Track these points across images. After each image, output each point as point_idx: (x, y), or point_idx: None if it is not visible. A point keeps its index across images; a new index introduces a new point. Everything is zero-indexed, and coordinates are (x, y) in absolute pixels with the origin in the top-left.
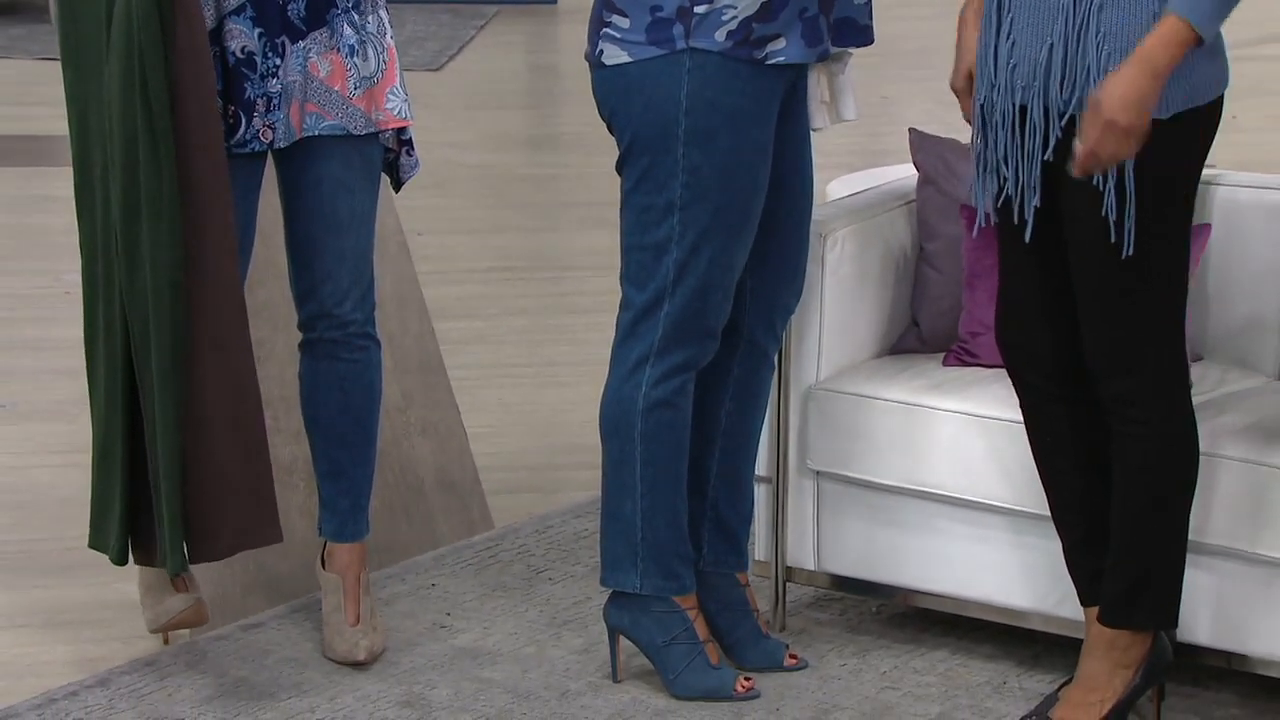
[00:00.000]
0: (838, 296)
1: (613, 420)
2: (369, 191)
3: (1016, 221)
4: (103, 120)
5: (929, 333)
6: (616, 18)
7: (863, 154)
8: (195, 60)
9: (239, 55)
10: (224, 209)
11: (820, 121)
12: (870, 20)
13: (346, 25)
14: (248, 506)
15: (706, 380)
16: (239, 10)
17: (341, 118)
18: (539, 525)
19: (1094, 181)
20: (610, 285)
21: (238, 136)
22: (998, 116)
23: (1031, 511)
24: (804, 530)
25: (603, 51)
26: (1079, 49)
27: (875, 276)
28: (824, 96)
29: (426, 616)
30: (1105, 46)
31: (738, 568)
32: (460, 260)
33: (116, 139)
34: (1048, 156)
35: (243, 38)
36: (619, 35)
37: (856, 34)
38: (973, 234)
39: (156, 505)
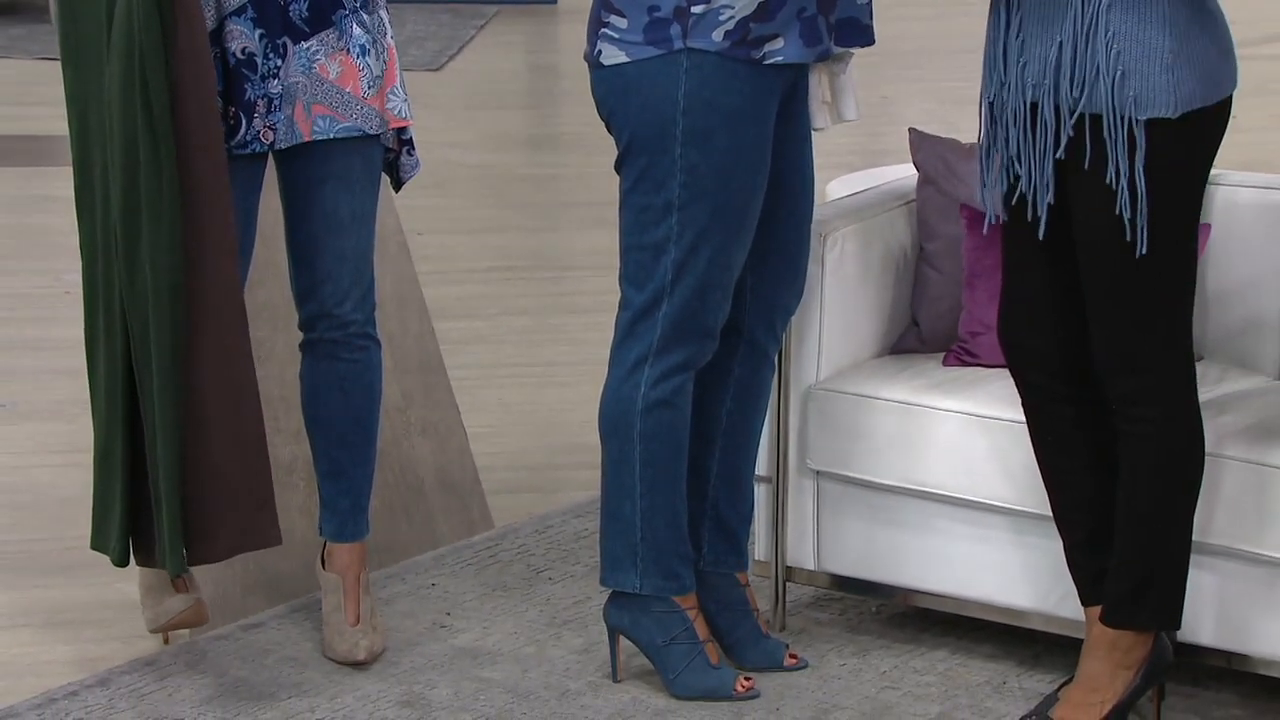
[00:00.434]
0: (838, 296)
1: (612, 420)
2: (370, 191)
3: (1030, 219)
4: (103, 121)
5: (929, 332)
6: (614, 18)
7: (862, 154)
8: (196, 61)
9: (239, 56)
10: (224, 210)
11: (822, 122)
12: (871, 20)
13: (356, 25)
14: (247, 508)
15: (706, 380)
16: (240, 11)
17: (357, 119)
18: (539, 525)
19: (1106, 179)
20: (610, 285)
21: (238, 137)
22: (1009, 114)
23: (1032, 511)
24: (804, 530)
25: (601, 52)
26: (1089, 48)
27: (875, 276)
28: (825, 96)
29: (426, 616)
30: (1115, 46)
31: (738, 567)
32: (460, 260)
33: (116, 140)
34: (1059, 154)
35: (243, 39)
36: (617, 35)
37: (859, 34)
38: (983, 231)
39: (155, 506)
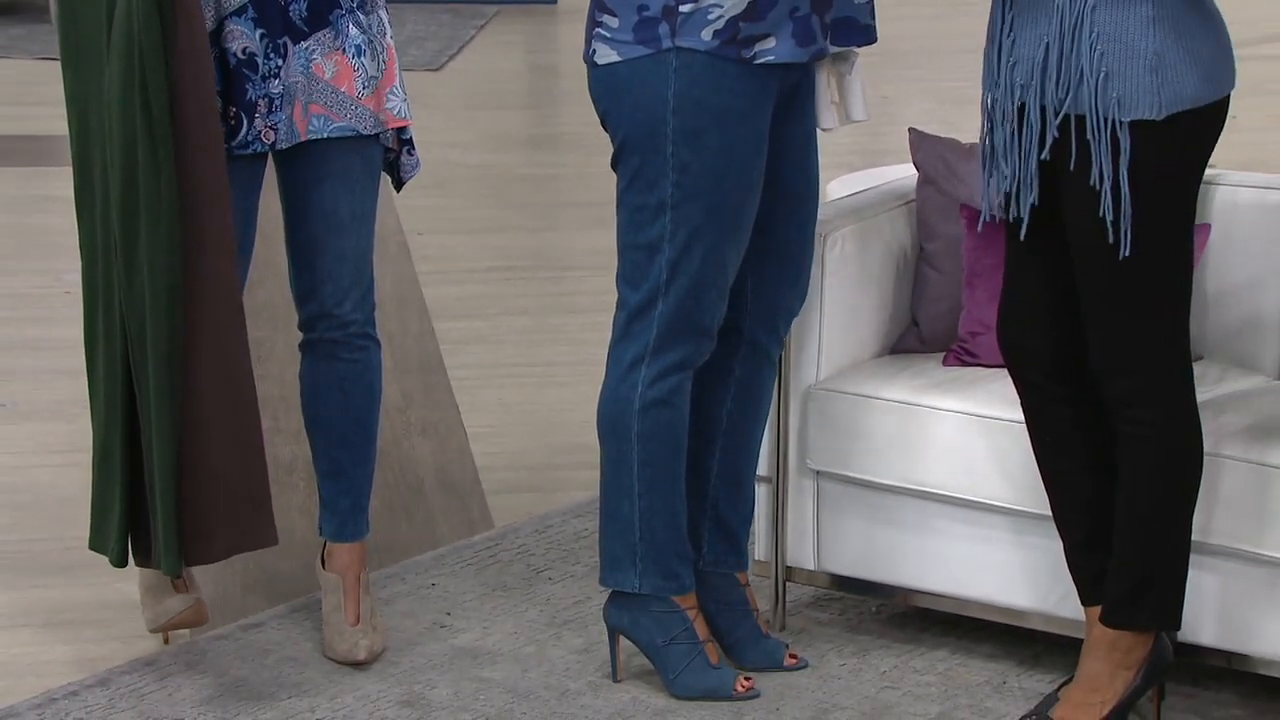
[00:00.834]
0: (838, 296)
1: (610, 420)
2: (369, 191)
3: (1011, 219)
4: (103, 122)
5: (929, 332)
6: (607, 17)
7: (862, 154)
8: (195, 62)
9: (240, 56)
10: (223, 211)
11: (829, 122)
12: (872, 20)
13: (352, 25)
14: (244, 509)
15: (707, 380)
16: (240, 11)
17: (351, 119)
18: (539, 525)
19: (1090, 182)
20: (610, 285)
21: (239, 138)
22: (999, 114)
23: (1032, 511)
24: (804, 530)
25: (595, 51)
26: (1074, 49)
27: (875, 276)
28: (834, 97)
29: (426, 616)
30: (1099, 47)
31: (738, 567)
32: (460, 260)
33: (116, 141)
34: (1044, 155)
35: (244, 39)
36: (609, 35)
37: (857, 33)
38: (977, 229)
39: (152, 507)
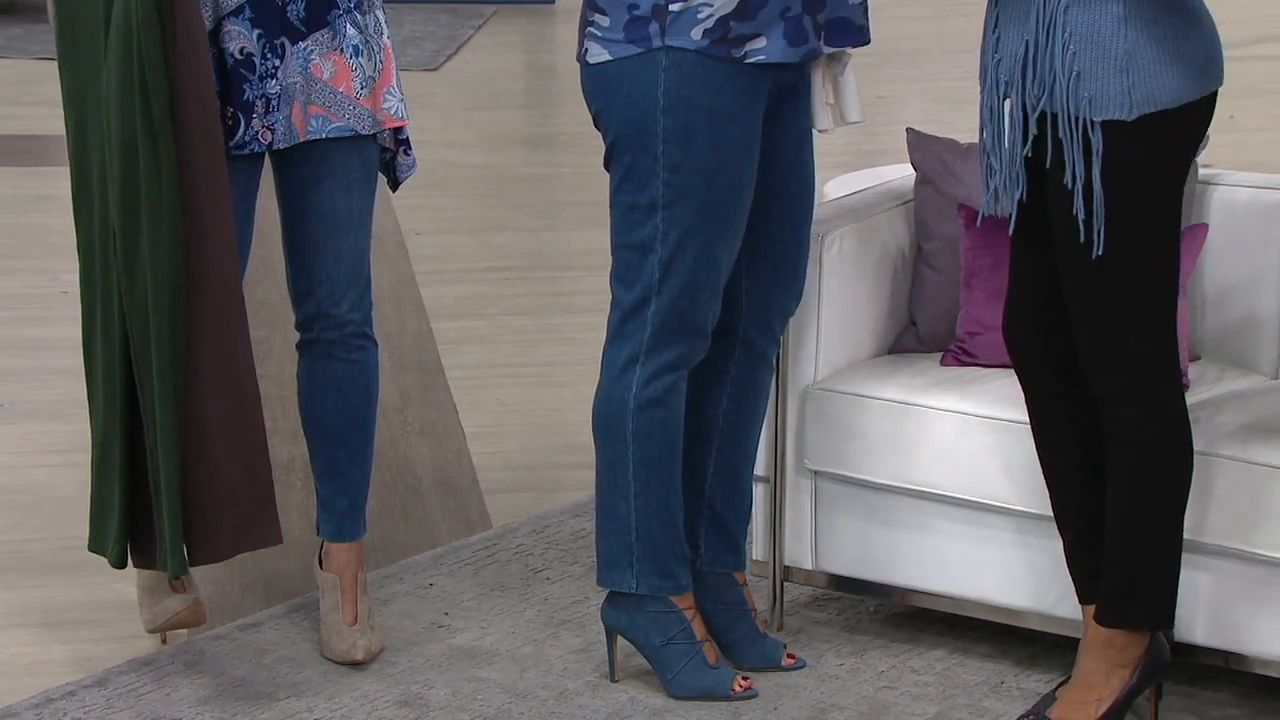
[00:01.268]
0: (835, 296)
1: (605, 420)
2: (367, 192)
3: (998, 214)
4: (101, 122)
5: (927, 332)
6: (598, 16)
7: (860, 154)
8: (194, 62)
9: (237, 56)
10: (224, 211)
11: (825, 123)
12: (866, 20)
13: (350, 25)
14: (248, 508)
15: (703, 381)
16: (237, 11)
17: (349, 119)
18: (537, 525)
19: (1064, 181)
20: (608, 285)
21: (237, 138)
22: (987, 110)
23: (1029, 511)
24: (801, 530)
25: (587, 50)
26: (1048, 48)
27: (873, 276)
28: (829, 98)
29: (424, 616)
30: (1071, 47)
31: (735, 567)
32: (458, 260)
33: (114, 141)
34: (1026, 152)
35: (241, 39)
36: (600, 34)
37: (851, 34)
38: (975, 229)
39: (156, 507)
